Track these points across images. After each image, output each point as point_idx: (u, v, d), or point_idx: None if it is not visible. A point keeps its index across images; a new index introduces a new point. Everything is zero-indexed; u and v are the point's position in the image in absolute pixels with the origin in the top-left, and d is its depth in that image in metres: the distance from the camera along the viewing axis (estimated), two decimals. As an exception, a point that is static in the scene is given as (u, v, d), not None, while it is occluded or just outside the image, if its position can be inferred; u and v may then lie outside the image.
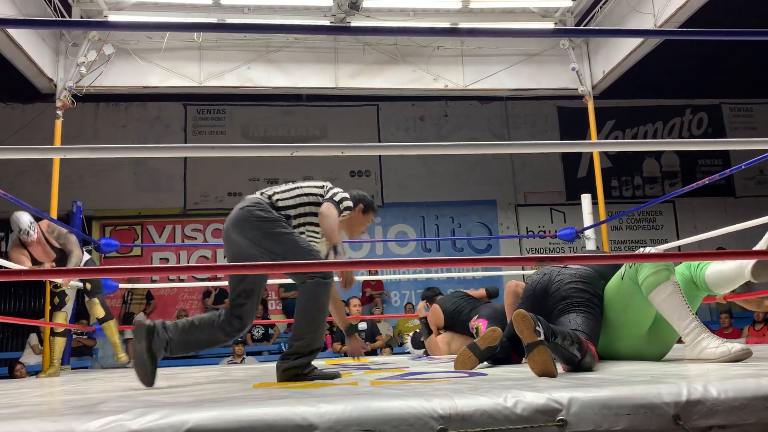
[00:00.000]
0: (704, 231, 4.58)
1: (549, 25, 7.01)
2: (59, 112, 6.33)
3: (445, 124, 11.61)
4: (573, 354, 2.16)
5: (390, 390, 1.72)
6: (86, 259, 5.27)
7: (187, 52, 6.92)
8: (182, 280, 10.15)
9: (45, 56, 6.37)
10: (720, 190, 11.55)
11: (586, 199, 6.42)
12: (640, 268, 2.46)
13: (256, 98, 10.20)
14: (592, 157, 8.15)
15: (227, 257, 2.79)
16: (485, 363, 2.80)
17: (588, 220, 6.34)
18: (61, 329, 5.13)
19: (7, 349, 9.70)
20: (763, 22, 4.87)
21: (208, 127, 11.19)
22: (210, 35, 6.83)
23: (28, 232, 4.63)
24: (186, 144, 10.70)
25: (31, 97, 9.11)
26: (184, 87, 6.99)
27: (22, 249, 4.74)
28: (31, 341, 8.76)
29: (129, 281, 8.09)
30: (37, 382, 3.89)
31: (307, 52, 7.12)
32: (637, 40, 6.36)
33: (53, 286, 5.02)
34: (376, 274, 9.28)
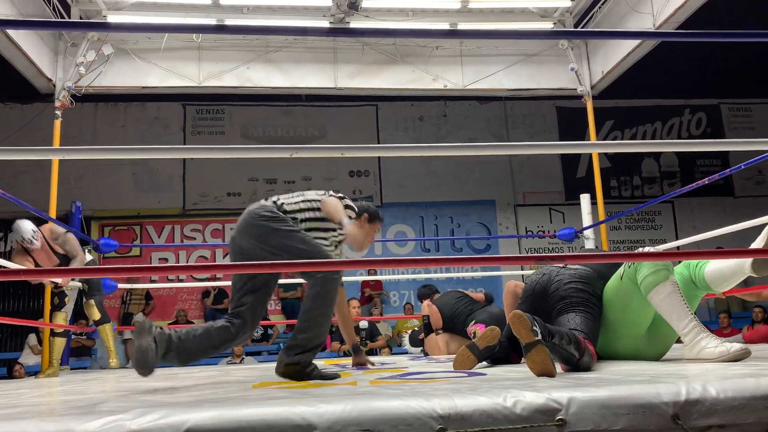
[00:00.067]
0: (703, 231, 4.58)
1: (548, 25, 7.00)
2: (58, 113, 6.33)
3: (444, 124, 11.61)
4: (571, 353, 2.16)
5: (389, 390, 1.72)
6: (88, 260, 5.27)
7: (186, 52, 6.92)
8: (181, 280, 10.16)
9: (44, 56, 6.36)
10: (719, 190, 11.56)
11: (585, 199, 6.42)
12: (639, 267, 2.46)
13: (256, 98, 10.20)
14: (591, 157, 8.17)
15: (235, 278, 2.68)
16: (484, 363, 2.81)
17: (587, 220, 6.34)
18: (61, 329, 5.13)
19: (6, 350, 9.70)
20: (762, 23, 4.87)
21: (207, 127, 11.18)
22: (209, 35, 6.83)
23: (32, 241, 4.62)
24: (185, 144, 10.72)
25: (30, 97, 9.11)
26: (183, 87, 6.99)
27: (26, 255, 4.74)
28: (30, 341, 8.75)
29: (128, 281, 8.09)
30: (36, 383, 3.88)
31: (306, 53, 7.11)
32: (636, 41, 6.36)
33: (54, 286, 5.02)
34: (375, 274, 9.27)
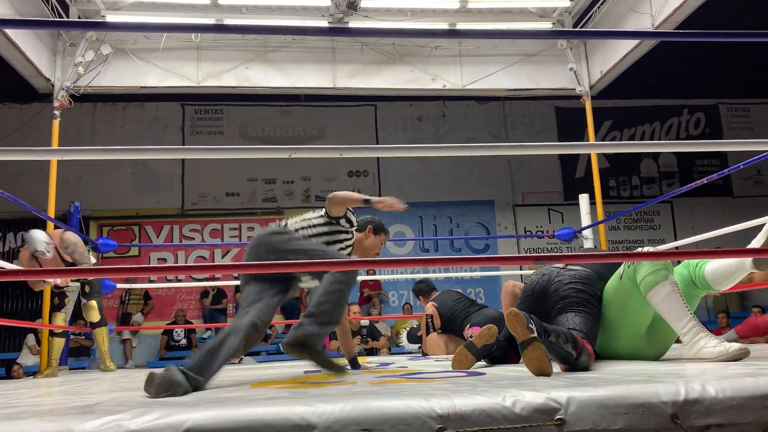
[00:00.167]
0: (702, 231, 4.59)
1: (547, 26, 7.01)
2: (57, 112, 6.32)
3: (443, 124, 11.62)
4: (568, 352, 2.15)
5: (388, 389, 1.72)
6: (93, 263, 5.25)
7: (185, 52, 6.91)
8: (180, 281, 10.15)
9: (42, 56, 6.36)
10: (718, 190, 11.57)
11: (584, 199, 6.42)
12: (638, 267, 2.46)
13: (254, 98, 10.20)
14: (590, 158, 8.17)
15: (244, 291, 2.62)
16: (483, 362, 2.81)
17: (586, 220, 6.34)
18: (60, 330, 5.12)
19: (5, 350, 9.69)
20: (761, 23, 4.88)
21: (205, 127, 11.18)
22: (208, 35, 6.82)
23: (44, 253, 4.61)
24: (184, 144, 10.71)
25: (29, 97, 9.10)
26: (182, 87, 6.99)
27: (34, 261, 4.72)
28: (29, 342, 8.74)
29: (127, 281, 8.08)
30: (35, 383, 3.88)
31: (305, 52, 7.11)
32: (635, 41, 6.36)
33: (54, 287, 5.01)
34: (374, 274, 9.27)
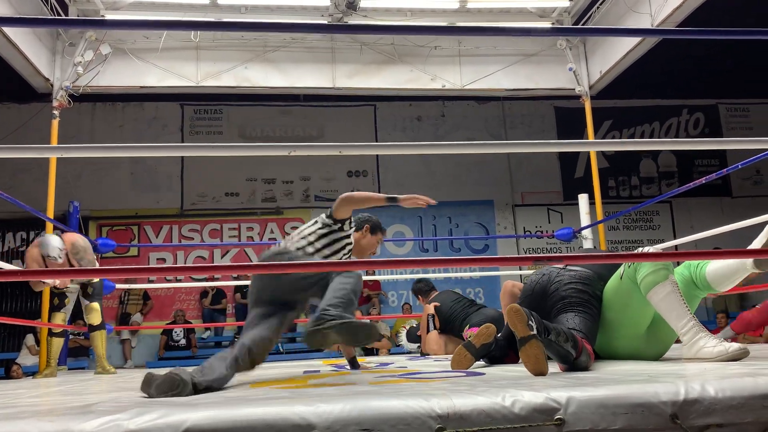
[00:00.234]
0: (701, 231, 4.59)
1: (546, 25, 7.01)
2: (56, 112, 6.31)
3: (443, 124, 11.62)
4: (568, 351, 2.15)
5: (388, 389, 1.72)
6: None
7: (184, 52, 6.91)
8: (179, 281, 10.14)
9: (41, 56, 6.35)
10: (717, 190, 11.59)
11: (583, 199, 6.42)
12: (638, 267, 2.46)
13: (254, 98, 10.19)
14: (589, 157, 8.18)
15: (248, 316, 2.62)
16: (482, 362, 2.81)
17: (585, 220, 6.34)
18: (59, 329, 5.11)
19: (4, 350, 9.69)
20: (760, 22, 4.88)
21: (205, 127, 11.18)
22: (207, 35, 6.81)
23: (56, 259, 4.60)
24: (183, 144, 10.71)
25: (28, 97, 9.09)
26: (181, 87, 6.98)
27: (40, 261, 4.70)
28: (28, 342, 8.74)
29: (126, 281, 8.07)
30: (34, 383, 3.88)
31: (305, 52, 7.11)
32: (635, 40, 6.36)
33: (53, 288, 5.00)
34: (374, 274, 9.27)
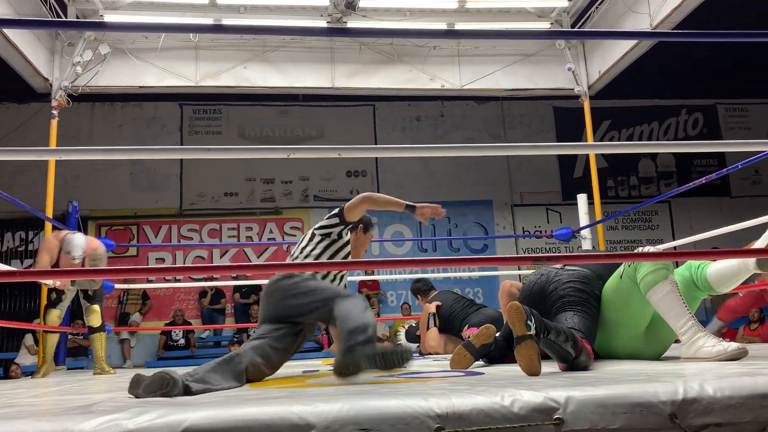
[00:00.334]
0: (700, 231, 4.60)
1: (545, 26, 7.01)
2: (55, 112, 6.32)
3: (442, 124, 11.62)
4: (567, 351, 2.15)
5: (387, 389, 1.72)
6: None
7: (184, 52, 6.91)
8: (178, 281, 10.13)
9: (40, 56, 6.35)
10: (716, 190, 11.59)
11: (582, 199, 6.42)
12: (638, 266, 2.46)
13: (253, 98, 10.19)
14: (588, 158, 8.18)
15: (256, 332, 2.63)
16: (481, 362, 2.81)
17: (584, 220, 6.34)
18: (55, 324, 5.11)
19: (3, 350, 9.68)
20: (759, 22, 4.88)
21: (204, 127, 11.17)
22: (206, 35, 6.82)
23: (75, 258, 4.58)
24: (182, 144, 10.71)
25: (27, 97, 9.09)
26: (181, 87, 6.98)
27: (55, 254, 4.68)
28: (27, 342, 8.73)
29: (125, 281, 8.06)
30: (33, 383, 3.87)
31: (304, 52, 7.11)
32: (633, 41, 6.37)
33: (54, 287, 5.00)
34: (373, 274, 9.28)
